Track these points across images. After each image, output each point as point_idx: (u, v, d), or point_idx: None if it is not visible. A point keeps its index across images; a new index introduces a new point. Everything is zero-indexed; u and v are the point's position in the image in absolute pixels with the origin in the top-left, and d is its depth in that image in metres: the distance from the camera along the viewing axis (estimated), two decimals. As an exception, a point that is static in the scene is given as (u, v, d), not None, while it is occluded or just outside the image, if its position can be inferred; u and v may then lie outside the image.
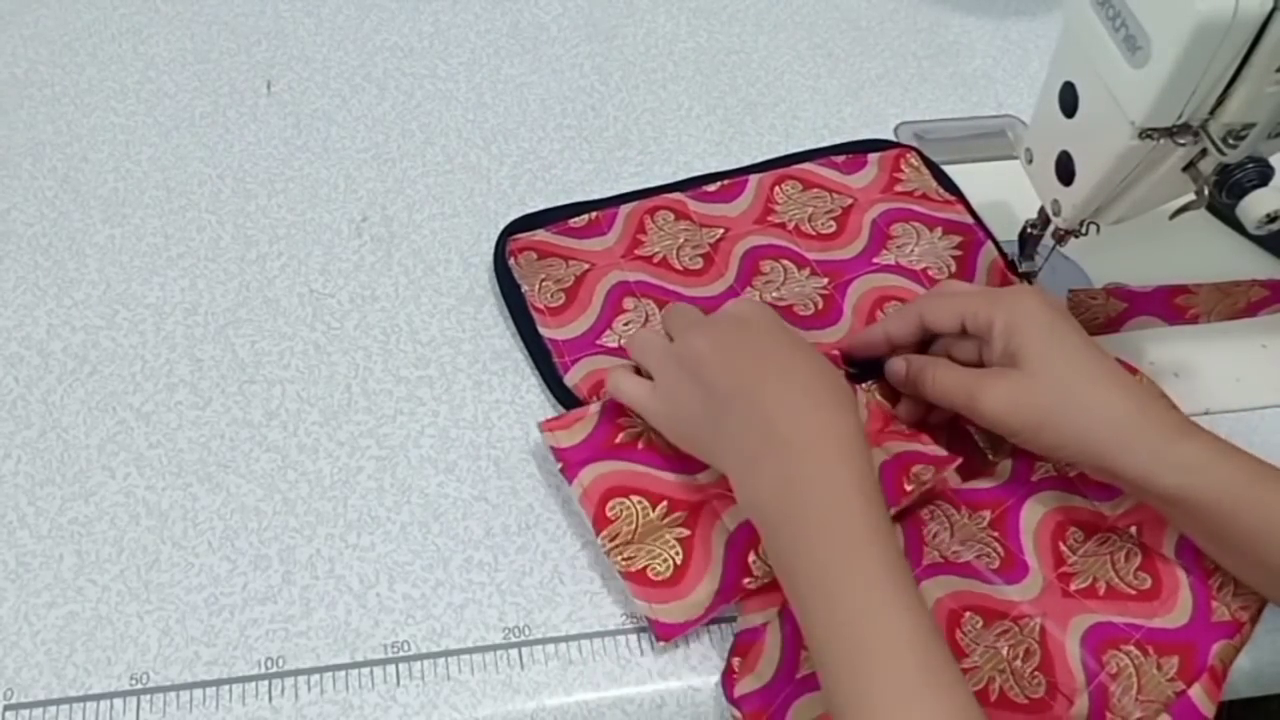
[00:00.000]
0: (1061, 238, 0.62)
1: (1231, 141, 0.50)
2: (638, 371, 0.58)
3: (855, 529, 0.46)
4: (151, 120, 0.73)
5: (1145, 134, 0.51)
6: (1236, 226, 0.70)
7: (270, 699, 0.51)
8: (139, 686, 0.51)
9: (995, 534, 0.56)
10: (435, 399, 0.61)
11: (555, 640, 0.53)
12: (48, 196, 0.69)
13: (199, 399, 0.60)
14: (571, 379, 0.61)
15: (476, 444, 0.60)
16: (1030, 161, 0.61)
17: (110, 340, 0.63)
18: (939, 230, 0.68)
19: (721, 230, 0.68)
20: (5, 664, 0.51)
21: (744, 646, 0.52)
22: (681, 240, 0.67)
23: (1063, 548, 0.56)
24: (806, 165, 0.72)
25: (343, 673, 0.52)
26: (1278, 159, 0.53)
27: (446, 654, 0.53)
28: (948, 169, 0.72)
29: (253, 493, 0.57)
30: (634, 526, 0.54)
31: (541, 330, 0.63)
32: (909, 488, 0.54)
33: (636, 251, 0.66)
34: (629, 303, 0.64)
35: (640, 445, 0.57)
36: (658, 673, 0.53)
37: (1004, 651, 0.52)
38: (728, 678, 0.52)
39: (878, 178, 0.71)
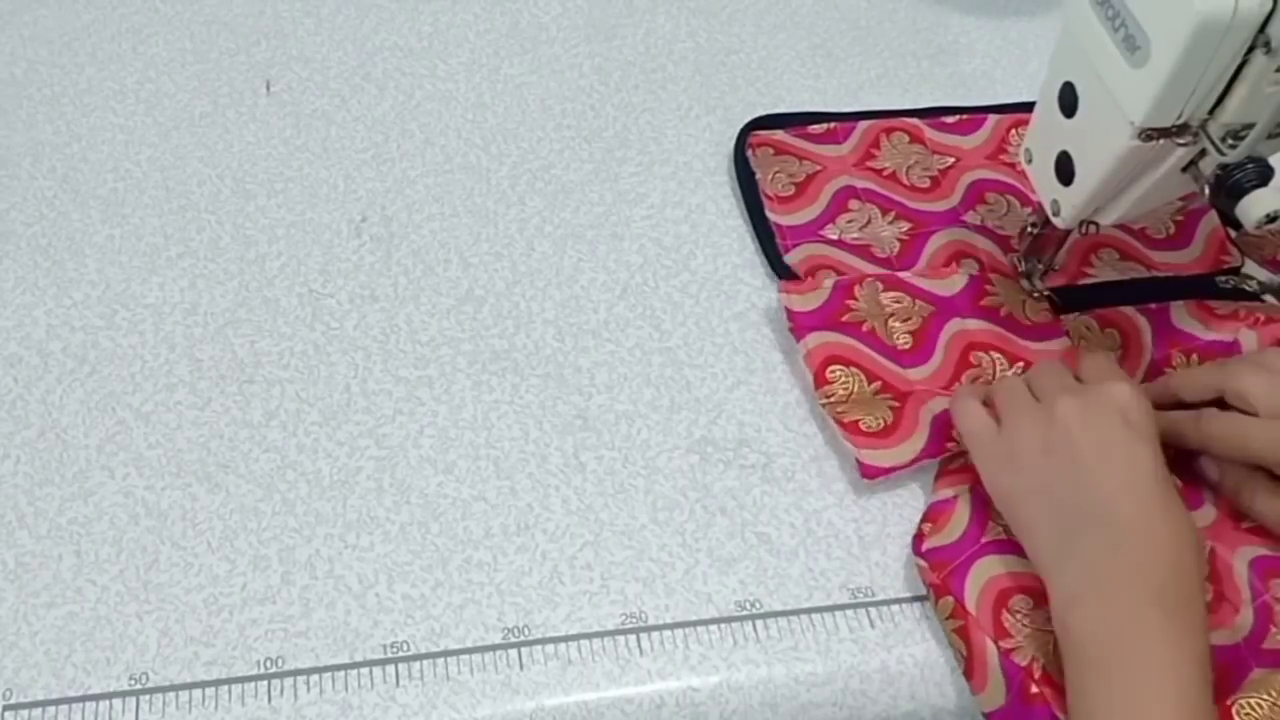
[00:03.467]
0: (1061, 238, 0.62)
1: (1231, 141, 0.50)
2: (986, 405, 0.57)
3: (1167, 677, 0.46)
4: (151, 120, 0.73)
5: (1145, 134, 0.51)
6: (1237, 226, 0.70)
7: (269, 699, 0.51)
8: (138, 687, 0.51)
9: None
10: (434, 399, 0.61)
11: (554, 640, 0.53)
12: (47, 196, 0.69)
13: (198, 399, 0.60)
14: (790, 259, 0.67)
15: (476, 444, 0.60)
16: (1030, 161, 0.61)
17: (109, 340, 0.63)
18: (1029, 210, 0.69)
19: (952, 159, 0.73)
20: (4, 664, 0.51)
21: (935, 514, 0.57)
22: (913, 161, 0.72)
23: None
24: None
25: (342, 673, 0.52)
26: (1278, 159, 0.53)
27: (445, 654, 0.53)
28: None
29: (252, 493, 0.57)
30: (849, 392, 0.60)
31: (769, 214, 0.69)
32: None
33: (868, 163, 0.72)
34: (853, 204, 0.70)
35: (864, 328, 0.63)
36: (657, 673, 0.53)
37: None
38: (917, 540, 0.56)
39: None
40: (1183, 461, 0.57)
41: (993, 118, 0.75)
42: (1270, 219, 0.51)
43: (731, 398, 0.62)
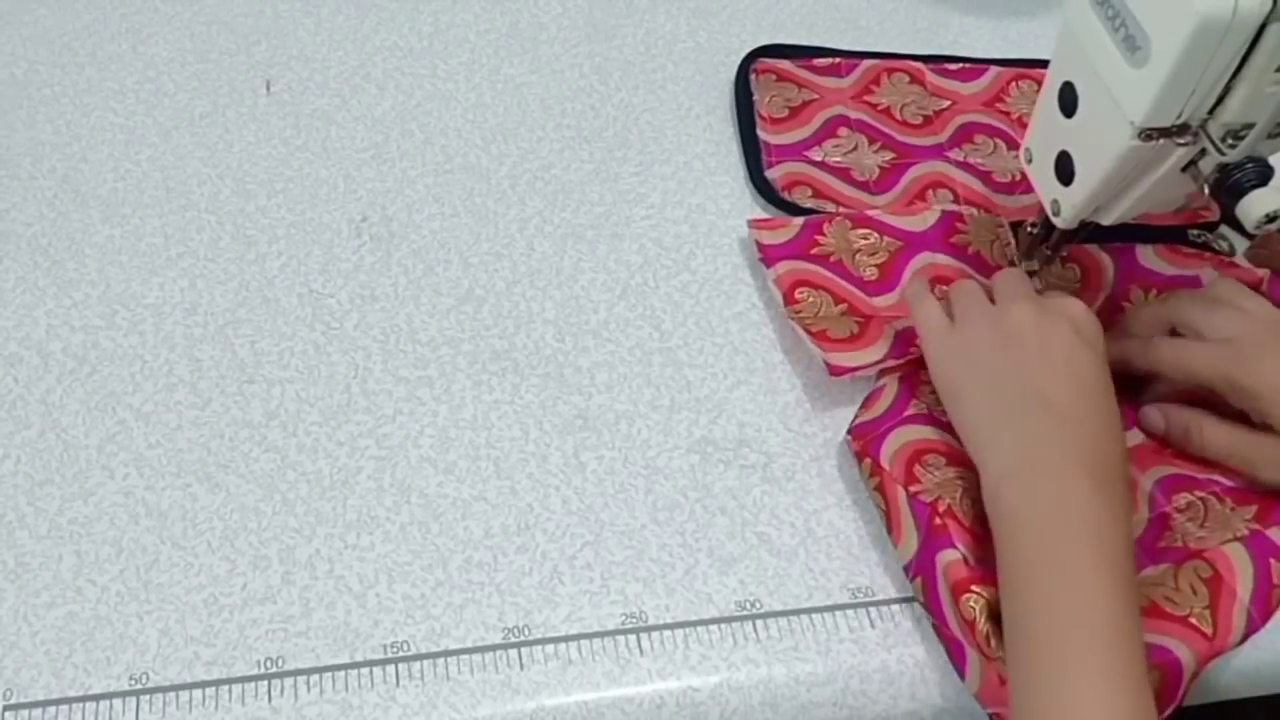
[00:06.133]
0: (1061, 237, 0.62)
1: (1231, 141, 0.50)
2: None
3: (1091, 561, 0.48)
4: (151, 120, 0.73)
5: (1145, 134, 0.51)
6: (1237, 226, 0.69)
7: (270, 699, 0.51)
8: (138, 687, 0.51)
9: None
10: (435, 399, 0.61)
11: (554, 640, 0.53)
12: (47, 196, 0.69)
13: (198, 399, 0.60)
14: (772, 174, 0.70)
15: (476, 444, 0.60)
16: (1030, 161, 0.61)
17: (109, 340, 0.63)
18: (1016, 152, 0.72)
19: (949, 102, 0.75)
20: (5, 664, 0.51)
21: (868, 400, 0.61)
22: (909, 100, 0.75)
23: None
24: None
25: (342, 673, 0.52)
26: (1278, 159, 0.53)
27: (446, 654, 0.53)
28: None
29: (252, 493, 0.57)
30: (816, 312, 0.63)
31: (759, 132, 0.73)
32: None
33: (865, 97, 0.75)
34: (843, 131, 0.73)
35: (832, 259, 0.65)
36: (657, 673, 0.53)
37: None
38: (853, 425, 0.60)
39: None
40: (1122, 397, 0.60)
41: (995, 69, 0.78)
42: (1270, 219, 0.51)
43: (731, 398, 0.62)
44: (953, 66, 0.78)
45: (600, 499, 0.58)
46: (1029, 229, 0.64)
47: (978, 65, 0.78)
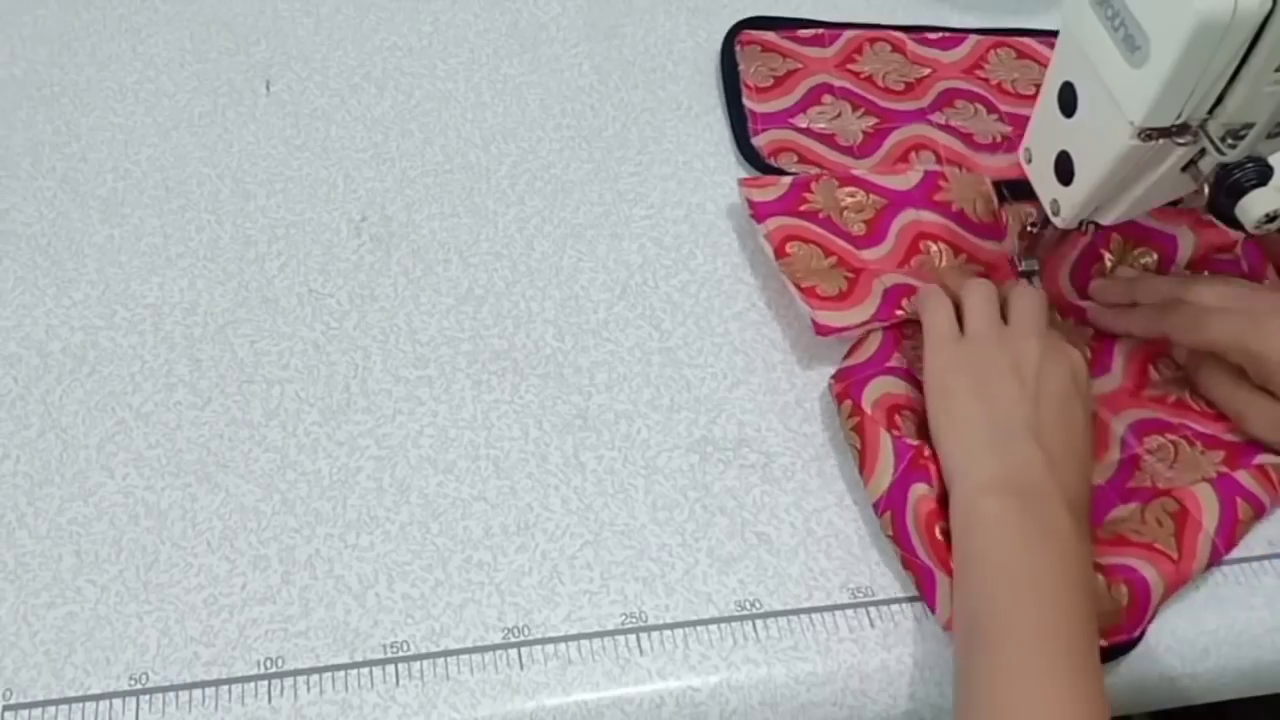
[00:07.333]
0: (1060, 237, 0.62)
1: (1231, 141, 0.50)
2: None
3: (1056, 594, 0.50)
4: (150, 120, 0.73)
5: (1144, 134, 0.51)
6: (1237, 226, 0.69)
7: (270, 699, 0.51)
8: (138, 687, 0.51)
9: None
10: (434, 399, 0.61)
11: (554, 640, 0.53)
12: (47, 196, 0.69)
13: (198, 399, 0.60)
14: (758, 141, 0.72)
15: (475, 444, 0.60)
16: (1029, 161, 0.61)
17: (109, 340, 0.63)
18: (996, 116, 0.74)
19: (929, 70, 0.77)
20: (4, 664, 0.51)
21: (853, 348, 0.63)
22: (891, 68, 0.77)
23: (1151, 369, 0.63)
24: (1026, 39, 0.80)
25: (342, 673, 0.52)
26: (1278, 159, 0.53)
27: (445, 654, 0.53)
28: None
29: (252, 492, 0.57)
30: (807, 266, 0.64)
31: (745, 101, 0.74)
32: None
33: (848, 66, 0.77)
34: (826, 98, 0.75)
35: (821, 215, 0.67)
36: (657, 673, 0.53)
37: None
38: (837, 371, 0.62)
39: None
40: (1097, 334, 0.65)
41: (974, 37, 0.80)
42: (1270, 218, 0.51)
43: (731, 398, 0.62)
44: (933, 36, 0.79)
45: (600, 499, 0.58)
46: (1029, 227, 0.64)
47: (957, 34, 0.80)
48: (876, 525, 0.58)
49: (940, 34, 0.80)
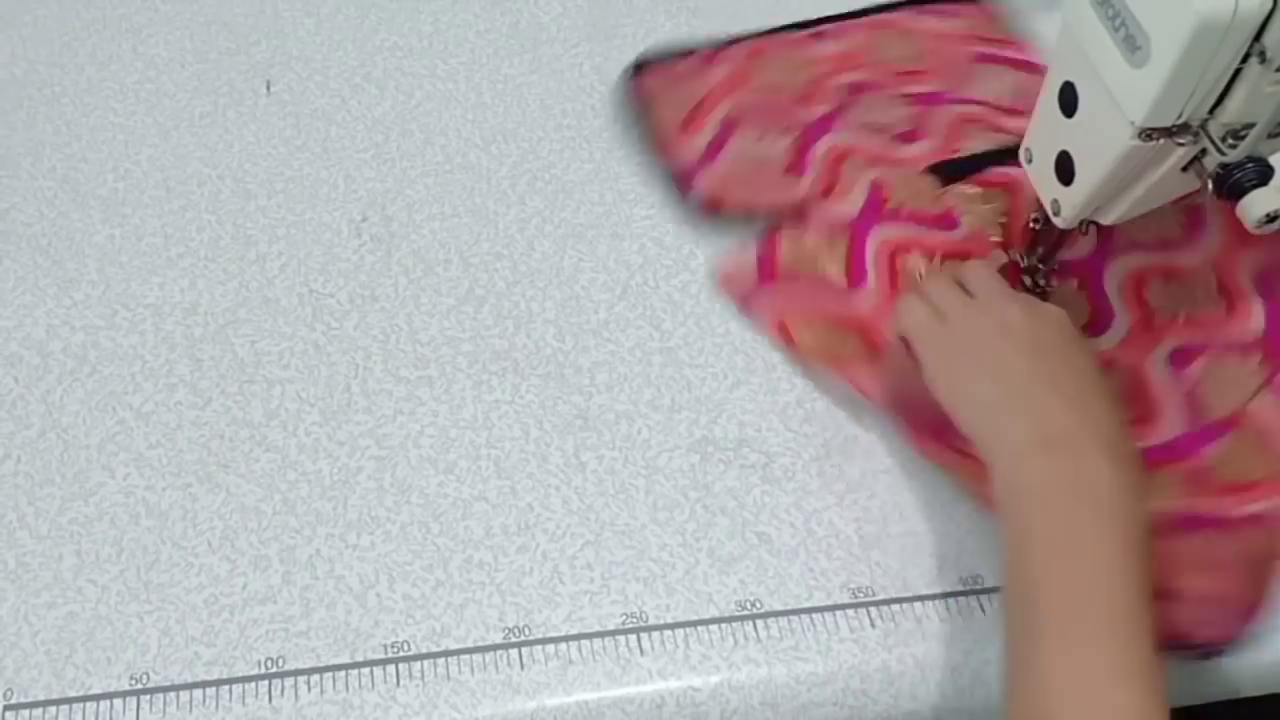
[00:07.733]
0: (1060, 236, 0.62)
1: (1231, 141, 0.50)
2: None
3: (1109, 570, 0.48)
4: (151, 120, 0.73)
5: (1145, 134, 0.51)
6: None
7: (270, 699, 0.51)
8: (139, 687, 0.51)
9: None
10: (435, 399, 0.61)
11: (555, 640, 0.53)
12: (47, 196, 0.69)
13: (199, 399, 0.60)
14: (696, 196, 0.70)
15: (476, 444, 0.60)
16: (1030, 161, 0.61)
17: (110, 340, 0.63)
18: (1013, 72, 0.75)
19: (822, 69, 0.76)
20: (5, 664, 0.51)
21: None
22: (783, 76, 0.75)
23: (1145, 293, 0.64)
24: (905, 12, 0.80)
25: (342, 673, 0.52)
26: (1278, 159, 0.53)
27: (446, 654, 0.53)
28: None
29: (252, 493, 0.57)
30: (821, 343, 0.63)
31: (663, 161, 0.72)
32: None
33: (748, 85, 0.75)
34: (741, 127, 0.72)
35: (800, 275, 0.66)
36: (657, 673, 0.53)
37: None
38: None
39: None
40: (1094, 287, 0.65)
41: (844, 22, 0.79)
42: (1270, 218, 0.51)
43: (731, 398, 0.62)
44: (805, 34, 0.78)
45: (600, 499, 0.58)
46: (1031, 224, 0.64)
47: (836, 22, 0.79)
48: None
49: (814, 29, 0.78)
